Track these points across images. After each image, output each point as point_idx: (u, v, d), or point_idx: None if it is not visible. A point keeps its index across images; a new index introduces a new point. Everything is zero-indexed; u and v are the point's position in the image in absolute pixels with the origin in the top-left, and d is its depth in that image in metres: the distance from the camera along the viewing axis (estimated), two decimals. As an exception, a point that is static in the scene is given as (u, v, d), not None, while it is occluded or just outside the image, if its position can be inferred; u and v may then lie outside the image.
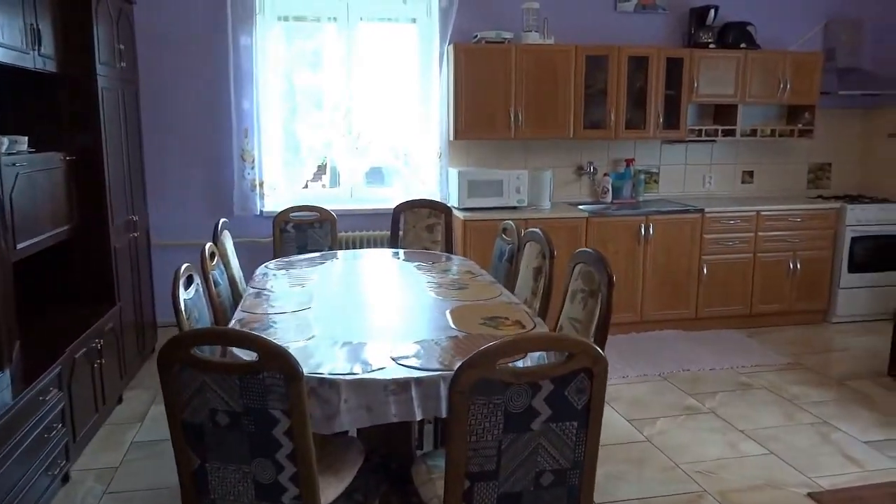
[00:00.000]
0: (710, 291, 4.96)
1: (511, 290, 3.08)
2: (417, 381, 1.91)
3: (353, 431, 2.26)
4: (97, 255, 3.60)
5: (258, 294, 2.83)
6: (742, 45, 5.04)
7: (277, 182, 4.82)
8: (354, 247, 4.87)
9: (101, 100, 3.51)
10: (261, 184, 4.75)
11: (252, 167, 4.70)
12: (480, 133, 4.76)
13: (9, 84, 3.19)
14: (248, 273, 3.40)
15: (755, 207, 4.97)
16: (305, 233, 4.11)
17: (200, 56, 4.63)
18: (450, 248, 4.14)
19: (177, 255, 4.55)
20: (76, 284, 3.58)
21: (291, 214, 4.10)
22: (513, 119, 4.72)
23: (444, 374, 1.91)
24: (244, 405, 1.65)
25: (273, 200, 4.78)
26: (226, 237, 3.44)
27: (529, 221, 4.48)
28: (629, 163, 5.24)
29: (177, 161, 4.73)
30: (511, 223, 3.45)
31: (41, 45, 3.04)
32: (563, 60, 4.73)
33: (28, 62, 2.94)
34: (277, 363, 1.60)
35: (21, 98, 3.30)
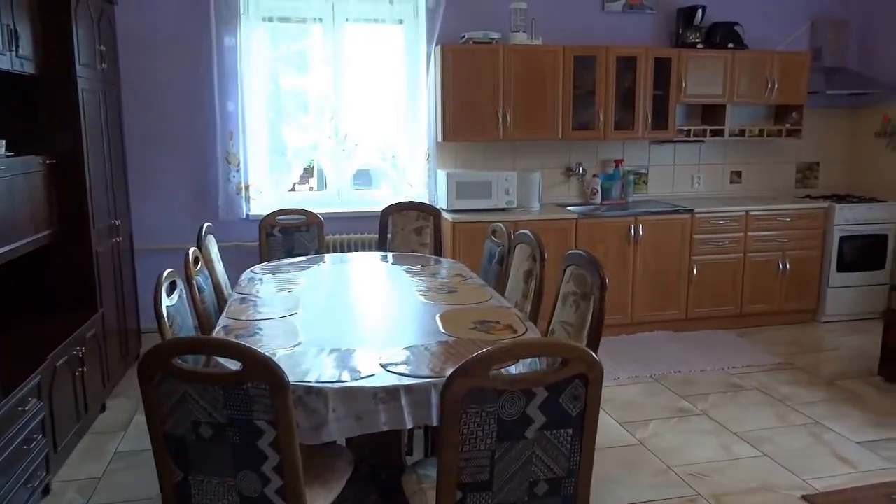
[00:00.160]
0: (701, 292, 4.94)
1: (501, 293, 3.04)
2: (407, 389, 1.86)
3: (342, 440, 2.20)
4: (78, 261, 3.52)
5: (244, 299, 2.77)
6: (730, 45, 5.04)
7: (263, 185, 4.75)
8: (342, 250, 4.81)
9: (82, 102, 3.43)
10: (246, 187, 4.68)
11: (237, 170, 4.63)
12: (469, 135, 4.72)
13: (-15, 86, 3.12)
14: (234, 278, 3.33)
15: (744, 207, 4.96)
16: (292, 236, 4.05)
17: (184, 57, 4.56)
18: (439, 251, 4.09)
19: (161, 260, 4.42)
20: (57, 291, 3.50)
21: (278, 218, 4.05)
22: (501, 120, 4.68)
23: (435, 381, 1.87)
24: (228, 416, 1.60)
25: (259, 204, 4.71)
26: (210, 241, 3.37)
27: (519, 223, 4.45)
28: (618, 163, 5.22)
29: (161, 164, 4.65)
30: (501, 225, 3.41)
31: (19, 46, 2.97)
32: (551, 61, 4.70)
33: (5, 63, 2.86)
34: (262, 373, 1.55)
35: (-2, 100, 3.23)
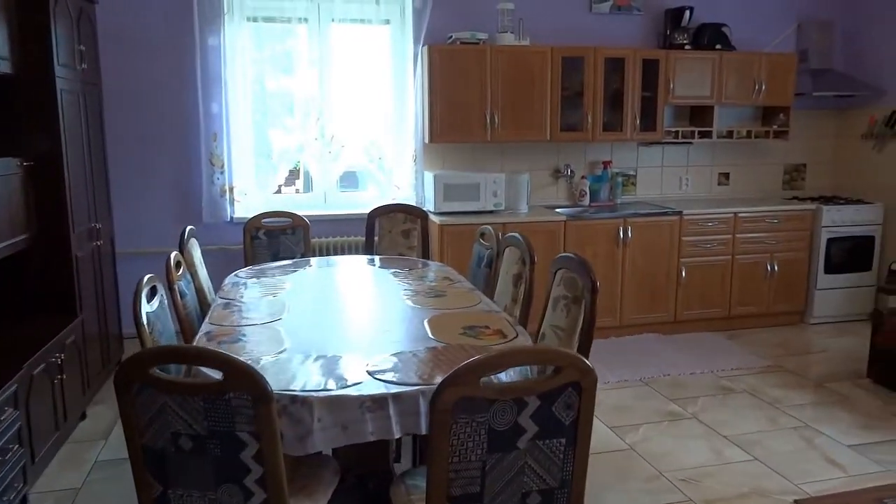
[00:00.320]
0: (689, 294, 4.93)
1: (490, 297, 3.00)
2: (395, 397, 1.81)
3: (328, 449, 2.15)
4: (57, 265, 3.44)
5: (227, 304, 2.71)
6: (717, 47, 5.03)
7: (248, 187, 4.68)
8: (328, 253, 4.75)
9: (61, 102, 3.35)
10: (231, 189, 4.61)
11: (221, 172, 4.56)
12: (456, 136, 4.67)
13: (-40, 86, 3.04)
14: (218, 282, 3.27)
15: (733, 209, 4.95)
16: (277, 239, 3.99)
17: (167, 57, 4.48)
18: (426, 254, 4.05)
19: (143, 264, 4.38)
20: (35, 296, 3.42)
21: (263, 221, 3.98)
22: (489, 121, 4.64)
23: (424, 389, 1.82)
24: (209, 428, 1.54)
25: (244, 206, 4.64)
26: (193, 245, 3.30)
27: (507, 225, 4.41)
28: (606, 165, 5.20)
29: (143, 166, 4.56)
30: (489, 228, 3.37)
31: (-6, 46, 2.89)
32: (539, 62, 4.67)
33: (-20, 63, 2.79)
34: (245, 383, 1.49)
35: (-27, 101, 3.15)
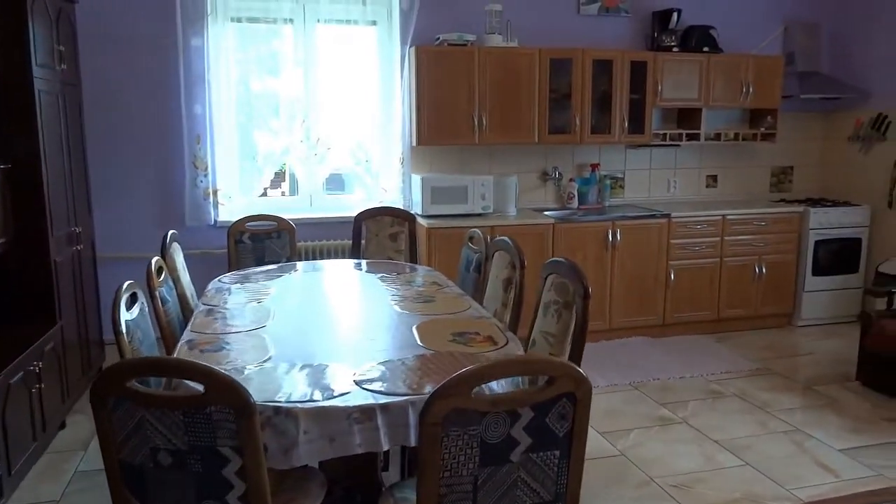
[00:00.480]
0: (678, 297, 4.91)
1: (479, 302, 2.95)
2: (383, 408, 1.75)
3: (314, 462, 2.09)
4: (36, 270, 3.35)
5: (210, 311, 2.64)
6: (705, 49, 5.02)
7: (232, 190, 4.60)
8: (314, 257, 4.68)
9: (39, 104, 3.27)
10: (214, 192, 4.53)
11: (205, 175, 4.48)
12: (444, 138, 4.62)
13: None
14: (201, 288, 3.19)
15: (721, 212, 4.94)
16: (262, 243, 3.92)
17: (149, 58, 4.40)
18: (414, 258, 3.99)
19: (124, 268, 4.30)
20: (13, 302, 3.33)
21: (247, 224, 3.91)
22: (476, 124, 4.60)
23: (413, 399, 1.77)
24: (189, 443, 1.48)
25: (228, 209, 4.56)
26: (175, 250, 3.23)
27: (495, 228, 4.38)
28: (594, 168, 5.17)
29: (124, 169, 4.48)
30: (478, 231, 3.32)
31: (-32, 45, 2.81)
32: (527, 63, 4.63)
33: (-47, 63, 2.70)
34: (226, 396, 1.44)
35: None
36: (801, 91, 5.14)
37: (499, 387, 1.77)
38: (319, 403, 1.75)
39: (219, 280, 3.21)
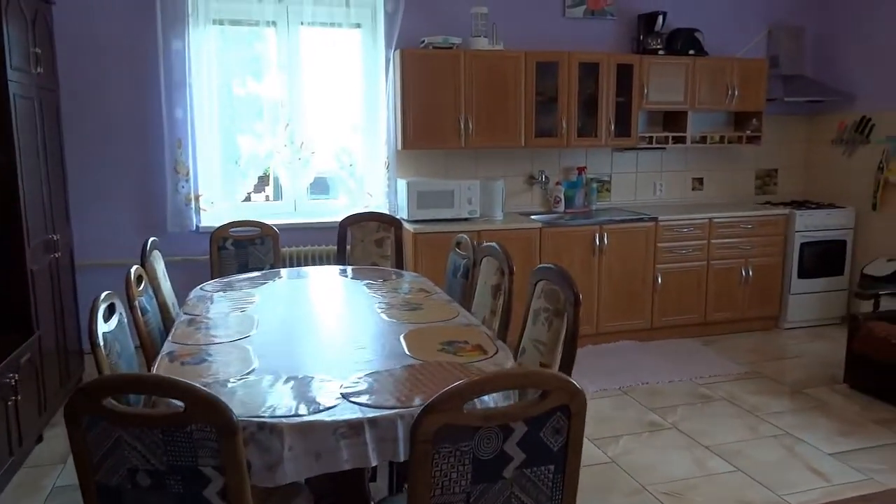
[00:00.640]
0: (665, 300, 4.89)
1: (467, 308, 2.91)
2: (372, 422, 1.70)
3: (300, 478, 2.03)
4: (11, 280, 3.25)
5: (192, 321, 2.57)
6: (690, 52, 5.01)
7: (215, 195, 4.52)
8: (299, 263, 4.62)
9: (14, 108, 3.17)
10: (196, 197, 4.45)
11: (186, 180, 4.40)
12: (429, 142, 4.57)
13: None
14: (183, 296, 3.12)
15: (708, 215, 4.93)
16: (246, 250, 3.85)
17: (128, 61, 4.31)
18: (400, 264, 3.94)
19: (104, 276, 4.23)
20: (-13, 313, 3.24)
21: (230, 230, 3.84)
22: (462, 127, 4.56)
23: (402, 412, 1.72)
24: (169, 463, 1.42)
25: (210, 215, 4.49)
26: (156, 258, 3.15)
27: (482, 233, 4.33)
28: (581, 171, 5.15)
29: (104, 174, 4.39)
30: (465, 236, 3.27)
31: (-61, 48, 2.72)
32: (513, 67, 4.60)
33: (-77, 66, 2.61)
34: (207, 414, 1.37)
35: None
36: (786, 94, 5.15)
37: (491, 400, 1.72)
38: (305, 418, 1.69)
39: (201, 288, 3.13)
